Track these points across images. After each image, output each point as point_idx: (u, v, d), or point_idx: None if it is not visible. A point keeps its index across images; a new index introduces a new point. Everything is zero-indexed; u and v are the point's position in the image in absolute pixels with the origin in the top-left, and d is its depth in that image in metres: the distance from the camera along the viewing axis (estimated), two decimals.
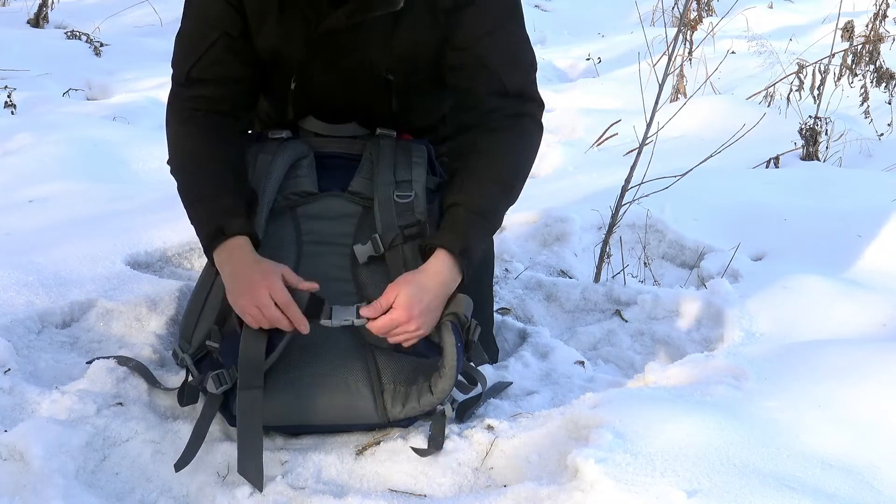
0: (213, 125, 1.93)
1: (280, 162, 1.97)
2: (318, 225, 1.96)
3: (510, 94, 1.93)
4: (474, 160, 1.90)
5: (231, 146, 1.95)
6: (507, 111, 1.92)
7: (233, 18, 1.91)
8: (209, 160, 1.91)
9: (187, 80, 1.94)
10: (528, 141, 1.95)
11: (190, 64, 1.93)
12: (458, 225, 1.84)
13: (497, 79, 1.92)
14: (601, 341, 2.44)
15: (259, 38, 1.93)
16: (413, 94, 1.99)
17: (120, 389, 1.92)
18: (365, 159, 2.01)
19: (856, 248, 2.75)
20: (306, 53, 1.93)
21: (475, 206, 1.86)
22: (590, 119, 4.55)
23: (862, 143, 4.05)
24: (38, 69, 4.96)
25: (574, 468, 1.57)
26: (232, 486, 1.71)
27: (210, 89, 1.93)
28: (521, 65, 1.97)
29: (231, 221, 1.83)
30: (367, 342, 1.84)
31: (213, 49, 1.91)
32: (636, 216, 2.87)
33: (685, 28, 4.70)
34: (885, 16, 4.26)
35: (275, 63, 1.96)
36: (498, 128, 1.92)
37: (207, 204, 1.86)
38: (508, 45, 1.95)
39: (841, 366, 1.95)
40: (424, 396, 1.78)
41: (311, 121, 2.06)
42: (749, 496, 1.49)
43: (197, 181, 1.90)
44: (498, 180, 1.90)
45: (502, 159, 1.91)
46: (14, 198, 2.92)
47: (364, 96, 2.00)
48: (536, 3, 7.93)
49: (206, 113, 1.93)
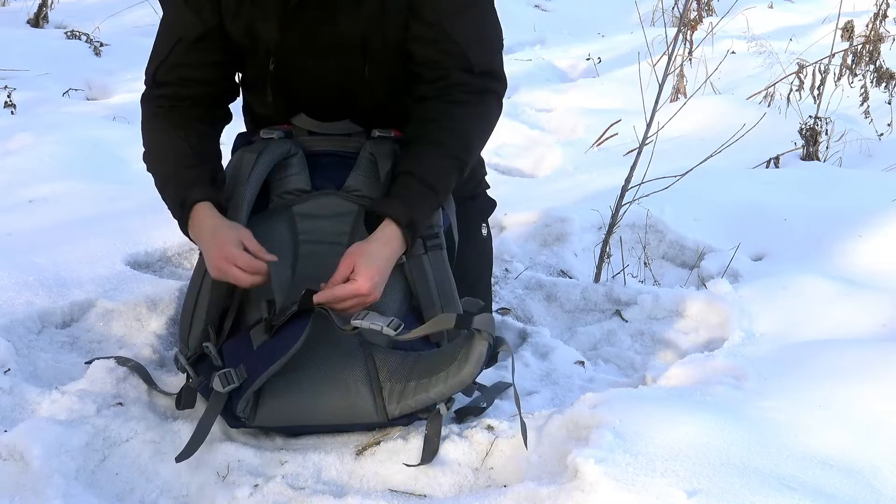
0: (173, 116, 2.00)
1: (263, 160, 1.97)
2: (314, 224, 1.96)
3: (476, 72, 1.94)
4: (433, 131, 1.91)
5: (191, 130, 1.99)
6: (472, 87, 1.93)
7: (191, 23, 1.96)
8: (170, 145, 1.97)
9: (153, 81, 2.03)
10: (488, 119, 1.97)
11: (154, 67, 2.02)
12: (410, 196, 1.85)
13: (464, 55, 1.93)
14: (601, 341, 2.44)
15: (235, 23, 1.96)
16: (384, 65, 1.98)
17: (120, 389, 1.92)
18: (363, 158, 2.01)
19: (856, 248, 2.75)
20: (280, 31, 1.95)
21: (428, 179, 1.87)
22: (590, 119, 4.54)
23: (862, 143, 4.05)
24: (38, 69, 4.95)
25: (574, 468, 1.57)
26: (232, 486, 1.71)
27: (172, 89, 2.00)
28: (489, 43, 1.98)
29: (191, 192, 1.88)
30: (366, 340, 1.84)
31: (172, 54, 1.99)
32: (636, 216, 2.87)
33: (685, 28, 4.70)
34: (885, 16, 4.26)
35: (252, 47, 1.99)
36: (461, 101, 1.92)
37: (171, 184, 1.93)
38: (478, 22, 1.96)
39: (841, 366, 1.95)
40: (420, 394, 1.78)
41: (304, 118, 2.06)
42: (749, 496, 1.49)
43: (161, 167, 1.97)
44: (454, 156, 1.90)
45: (461, 135, 1.91)
46: (14, 198, 2.92)
47: (338, 69, 1.99)
48: (536, 3, 7.92)
49: (167, 108, 2.00)
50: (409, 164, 1.88)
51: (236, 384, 1.77)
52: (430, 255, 1.93)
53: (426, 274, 1.91)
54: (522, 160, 4.11)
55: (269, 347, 1.78)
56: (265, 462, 1.78)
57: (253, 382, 1.74)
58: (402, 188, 1.86)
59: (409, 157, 1.90)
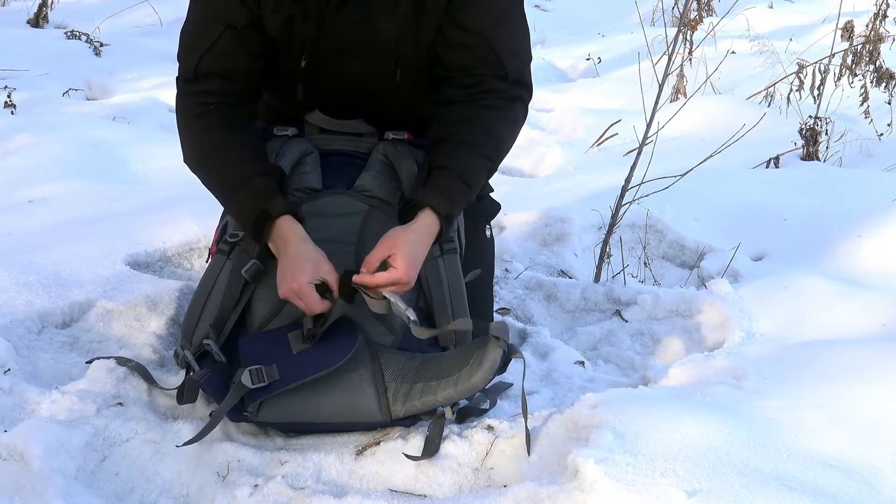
0: (226, 115, 1.94)
1: (286, 160, 1.98)
2: (322, 222, 1.95)
3: (510, 80, 1.98)
4: (466, 131, 1.93)
5: (248, 131, 1.98)
6: (505, 94, 1.97)
7: (237, 10, 1.91)
8: (234, 148, 1.93)
9: (195, 74, 1.94)
10: (515, 124, 2.02)
11: (197, 58, 1.93)
12: (447, 188, 1.87)
13: (501, 64, 1.97)
14: (601, 341, 2.44)
15: (274, 18, 1.93)
16: (414, 68, 1.99)
17: (120, 389, 1.92)
18: (376, 159, 2.01)
19: (856, 248, 2.75)
20: (317, 29, 1.94)
21: (464, 173, 1.88)
22: (590, 119, 4.54)
23: (862, 143, 4.05)
24: (38, 69, 4.95)
25: (574, 468, 1.57)
26: (232, 486, 1.71)
27: (218, 84, 1.94)
28: (522, 53, 2.03)
29: (273, 203, 1.85)
30: (372, 340, 1.84)
31: (220, 42, 1.92)
32: (636, 216, 2.87)
33: (685, 28, 4.70)
34: (885, 16, 4.26)
35: (287, 44, 1.96)
36: (493, 106, 1.96)
37: (245, 191, 1.88)
38: (514, 33, 2.00)
39: (841, 366, 1.95)
40: (427, 396, 1.78)
41: (317, 115, 2.06)
42: (749, 496, 1.49)
43: (227, 172, 1.91)
44: (486, 156, 1.93)
45: (493, 137, 1.95)
46: (14, 198, 2.92)
47: (369, 70, 1.99)
48: (536, 3, 7.92)
49: (216, 106, 1.94)
50: (446, 160, 1.90)
51: (265, 383, 1.77)
52: (446, 258, 1.95)
53: (441, 277, 1.93)
54: (522, 160, 4.11)
55: (311, 355, 1.80)
56: (265, 462, 1.78)
57: (284, 385, 1.76)
58: (440, 180, 1.88)
59: (443, 153, 1.91)
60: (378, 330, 1.88)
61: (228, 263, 1.94)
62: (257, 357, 1.81)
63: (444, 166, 1.88)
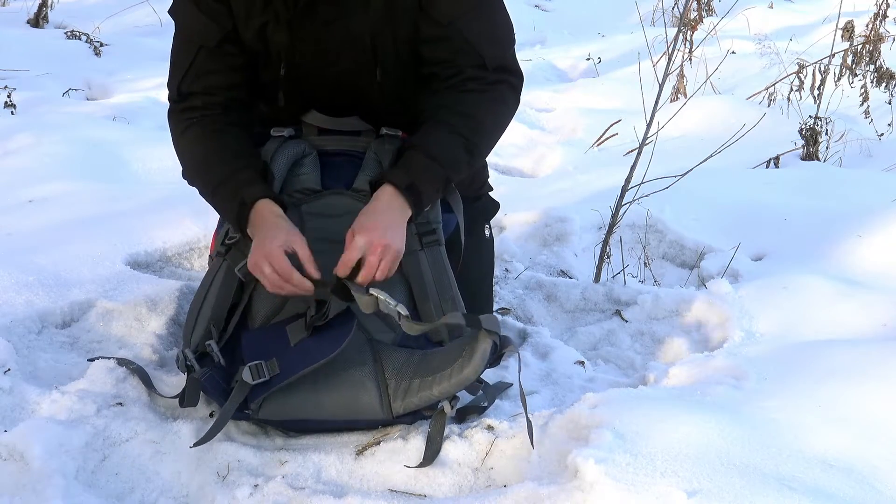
0: (208, 124, 1.98)
1: (280, 161, 1.99)
2: (323, 222, 1.96)
3: (489, 68, 1.96)
4: (441, 114, 1.92)
5: (230, 135, 1.98)
6: (486, 80, 1.95)
7: (208, 28, 1.96)
8: (215, 153, 1.96)
9: (179, 94, 2.01)
10: (499, 104, 1.98)
11: (178, 80, 2.00)
12: (410, 164, 1.87)
13: (478, 53, 1.95)
14: (601, 341, 2.44)
15: (247, 28, 1.96)
16: (396, 65, 1.99)
17: (120, 389, 1.92)
18: (370, 158, 2.02)
19: (856, 248, 2.75)
20: (289, 34, 1.95)
21: (430, 150, 1.87)
22: (590, 119, 4.54)
23: (862, 143, 4.05)
24: (38, 69, 4.95)
25: (574, 468, 1.57)
26: (232, 486, 1.71)
27: (200, 100, 1.99)
28: (501, 40, 2.01)
29: (250, 189, 1.87)
30: (373, 338, 1.84)
31: (196, 62, 1.98)
32: (636, 216, 2.87)
33: (685, 28, 4.69)
34: (885, 16, 4.26)
35: (265, 52, 1.99)
36: (472, 90, 1.94)
37: (226, 187, 1.91)
38: (488, 19, 1.98)
39: (841, 366, 1.95)
40: (424, 392, 1.78)
41: (314, 114, 2.06)
42: (749, 496, 1.49)
43: (210, 174, 1.95)
44: (460, 133, 1.90)
45: (469, 116, 1.92)
46: (14, 198, 2.92)
47: (349, 70, 1.99)
48: (536, 3, 7.92)
49: (199, 118, 1.98)
50: (413, 140, 1.90)
51: (266, 377, 1.78)
52: (427, 251, 1.93)
53: (421, 270, 1.92)
54: (522, 160, 4.11)
55: (308, 346, 1.80)
56: (265, 462, 1.78)
57: (284, 379, 1.76)
58: (405, 160, 1.88)
59: (416, 136, 1.92)
60: (378, 327, 1.88)
61: (224, 264, 1.96)
62: (258, 352, 1.82)
63: (410, 146, 1.89)
